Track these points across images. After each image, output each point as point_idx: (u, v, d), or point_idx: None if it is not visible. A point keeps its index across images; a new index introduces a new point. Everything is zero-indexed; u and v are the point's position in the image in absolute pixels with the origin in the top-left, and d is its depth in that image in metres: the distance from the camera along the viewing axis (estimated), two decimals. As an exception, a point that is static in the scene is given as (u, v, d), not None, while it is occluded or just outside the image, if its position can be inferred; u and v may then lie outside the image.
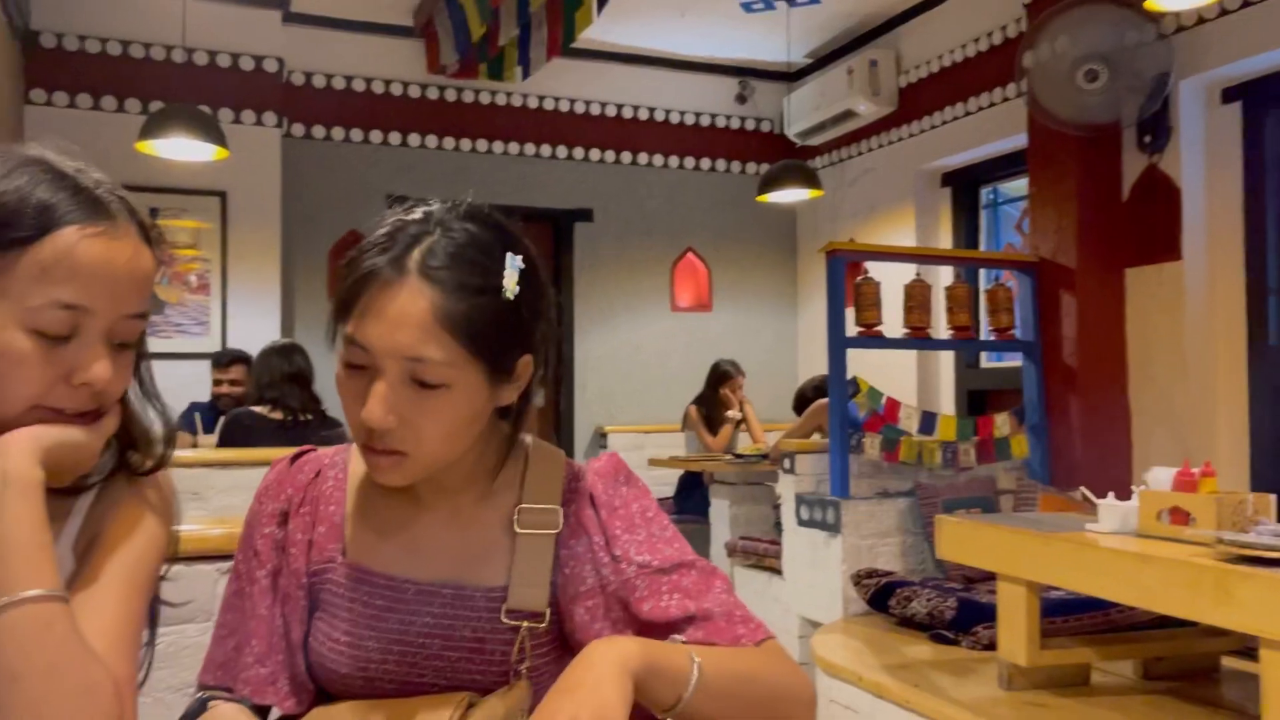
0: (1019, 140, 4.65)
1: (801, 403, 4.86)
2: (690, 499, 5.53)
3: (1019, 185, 5.36)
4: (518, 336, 1.00)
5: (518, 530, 1.05)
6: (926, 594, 2.90)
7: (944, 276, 4.23)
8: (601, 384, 6.50)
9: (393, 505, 1.08)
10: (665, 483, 6.02)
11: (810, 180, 5.25)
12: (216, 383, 4.62)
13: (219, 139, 4.29)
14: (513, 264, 0.97)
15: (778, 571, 3.92)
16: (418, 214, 0.99)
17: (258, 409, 3.73)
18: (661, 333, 6.68)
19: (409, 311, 0.93)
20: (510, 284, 0.97)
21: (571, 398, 6.39)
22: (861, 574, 3.19)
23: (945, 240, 5.79)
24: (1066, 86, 3.91)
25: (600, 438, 6.37)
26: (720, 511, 4.80)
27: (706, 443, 5.63)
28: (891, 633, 2.98)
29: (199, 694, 1.05)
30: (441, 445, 0.99)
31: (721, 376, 5.68)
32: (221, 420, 3.96)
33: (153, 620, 0.99)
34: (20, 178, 0.85)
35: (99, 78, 5.19)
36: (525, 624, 1.02)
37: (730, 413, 5.60)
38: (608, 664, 0.81)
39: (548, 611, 1.03)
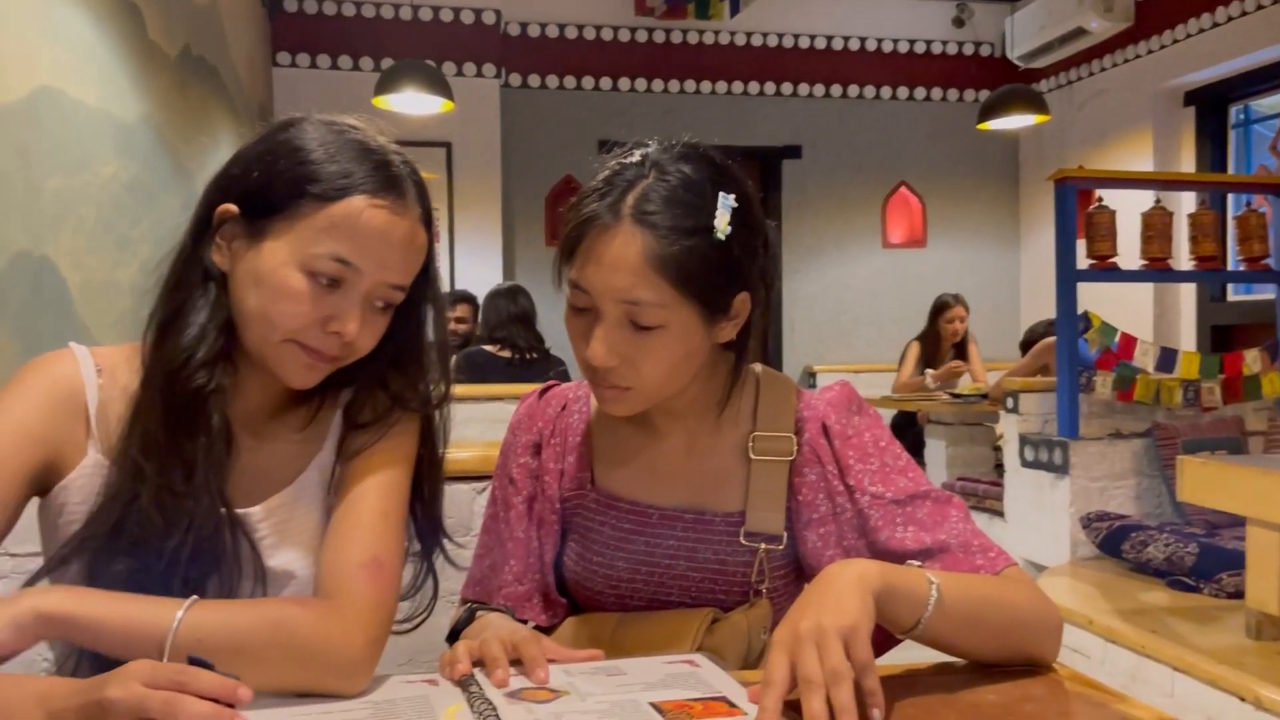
0: (1276, 51, 4.22)
1: (1031, 343, 4.66)
2: (903, 439, 5.42)
3: (1275, 101, 4.88)
4: (732, 275, 1.01)
5: (752, 457, 1.09)
6: (1164, 539, 2.76)
7: (1186, 204, 3.93)
8: (810, 323, 6.45)
9: (633, 435, 1.14)
10: (877, 423, 5.93)
11: (1037, 105, 4.96)
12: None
13: (445, 92, 4.51)
14: (724, 204, 0.99)
15: (999, 513, 3.82)
16: (635, 156, 1.03)
17: (488, 347, 3.96)
18: (872, 270, 6.54)
19: (623, 256, 0.97)
20: (721, 224, 0.98)
21: (780, 337, 6.38)
22: (1091, 517, 3.07)
23: (1187, 165, 5.36)
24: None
25: (809, 377, 6.34)
26: (936, 452, 4.70)
27: (899, 380, 5.45)
28: (1124, 578, 2.86)
29: (464, 606, 1.15)
30: (662, 381, 1.03)
31: (940, 307, 5.47)
32: (453, 358, 4.22)
33: (425, 548, 1.09)
34: (336, 144, 0.96)
35: (336, 39, 5.54)
36: (763, 546, 1.06)
37: (953, 364, 5.29)
38: (846, 581, 0.82)
39: (784, 534, 1.07)
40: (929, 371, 5.30)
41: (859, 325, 6.48)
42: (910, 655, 0.92)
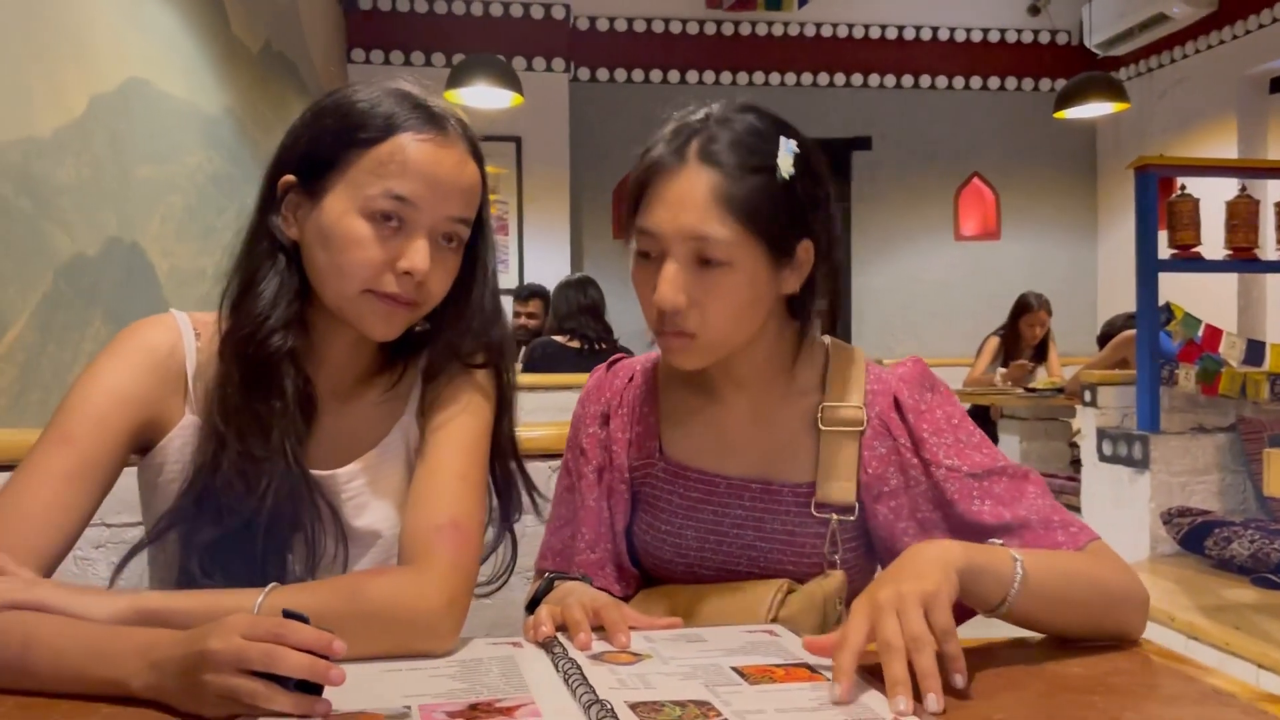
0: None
1: (1109, 337, 4.55)
2: (976, 434, 5.33)
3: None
4: (795, 218, 1.02)
5: (822, 427, 1.08)
6: (1250, 535, 2.68)
7: (1273, 192, 3.81)
8: (880, 316, 6.38)
9: (700, 404, 1.14)
10: (948, 417, 5.84)
11: (1116, 93, 4.84)
12: (515, 315, 4.96)
13: (515, 86, 4.56)
14: (787, 147, 1.01)
15: (1076, 509, 3.74)
16: (699, 113, 1.05)
17: (557, 338, 3.99)
18: (944, 263, 6.44)
19: (690, 193, 0.99)
20: (785, 164, 1.00)
21: (849, 329, 6.33)
22: (1173, 512, 2.99)
23: (1275, 153, 5.19)
24: None
25: (879, 371, 6.26)
26: (1009, 448, 4.62)
27: (972, 374, 5.35)
28: (1205, 574, 2.78)
29: (543, 576, 1.16)
30: (728, 325, 1.02)
31: (1022, 308, 5.35)
32: (524, 349, 4.26)
33: (504, 509, 1.11)
34: (376, 94, 1.00)
35: (409, 35, 5.63)
36: (835, 516, 1.06)
37: (1021, 363, 5.18)
38: (929, 559, 0.81)
39: (857, 505, 1.06)
40: (1000, 371, 5.21)
41: (929, 318, 6.39)
42: (980, 632, 0.91)
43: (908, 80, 6.36)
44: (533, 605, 1.10)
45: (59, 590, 0.86)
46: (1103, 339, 4.65)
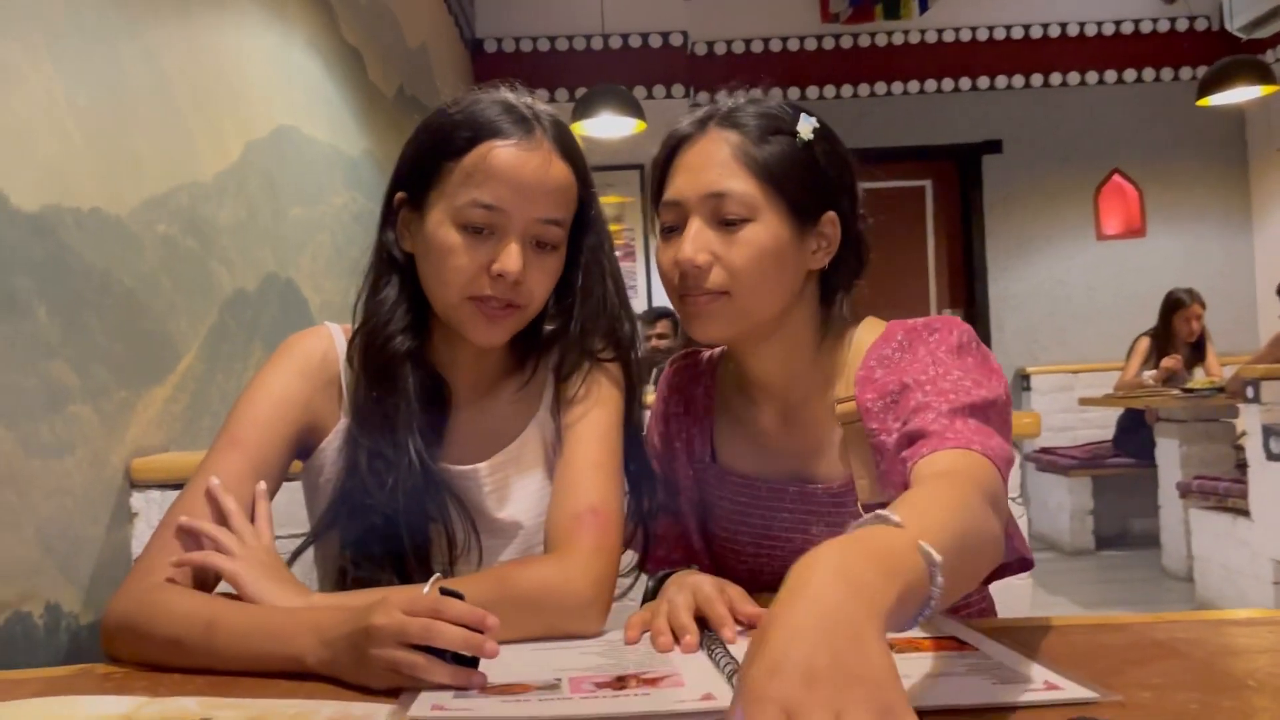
0: None
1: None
2: (1132, 440, 5.10)
3: None
4: (817, 184, 1.02)
5: (841, 425, 1.04)
6: None
7: None
8: (1021, 323, 6.18)
9: (743, 407, 1.13)
10: (1101, 425, 5.61)
11: (1263, 75, 4.59)
12: (646, 338, 5.02)
13: (638, 113, 4.64)
14: (806, 119, 1.02)
15: (1244, 512, 3.53)
16: (725, 99, 1.08)
17: (687, 357, 4.02)
18: (1086, 264, 6.19)
19: (711, 154, 1.01)
20: (805, 130, 1.01)
21: (989, 339, 6.14)
22: (1353, 509, 2.80)
23: None
24: None
25: (1022, 379, 6.06)
26: (1168, 451, 4.40)
27: (1124, 377, 5.12)
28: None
29: (654, 575, 1.14)
30: (755, 280, 1.00)
31: (1173, 304, 5.11)
32: (655, 370, 4.31)
33: (636, 495, 1.13)
34: (468, 104, 1.04)
35: (533, 73, 5.80)
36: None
37: (1168, 359, 4.93)
38: (854, 616, 0.54)
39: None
40: (1147, 372, 4.98)
41: (1075, 323, 6.15)
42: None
43: (1037, 80, 6.18)
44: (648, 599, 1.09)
45: (251, 571, 0.93)
46: None
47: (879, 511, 0.66)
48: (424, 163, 1.04)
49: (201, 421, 1.85)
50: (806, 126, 1.02)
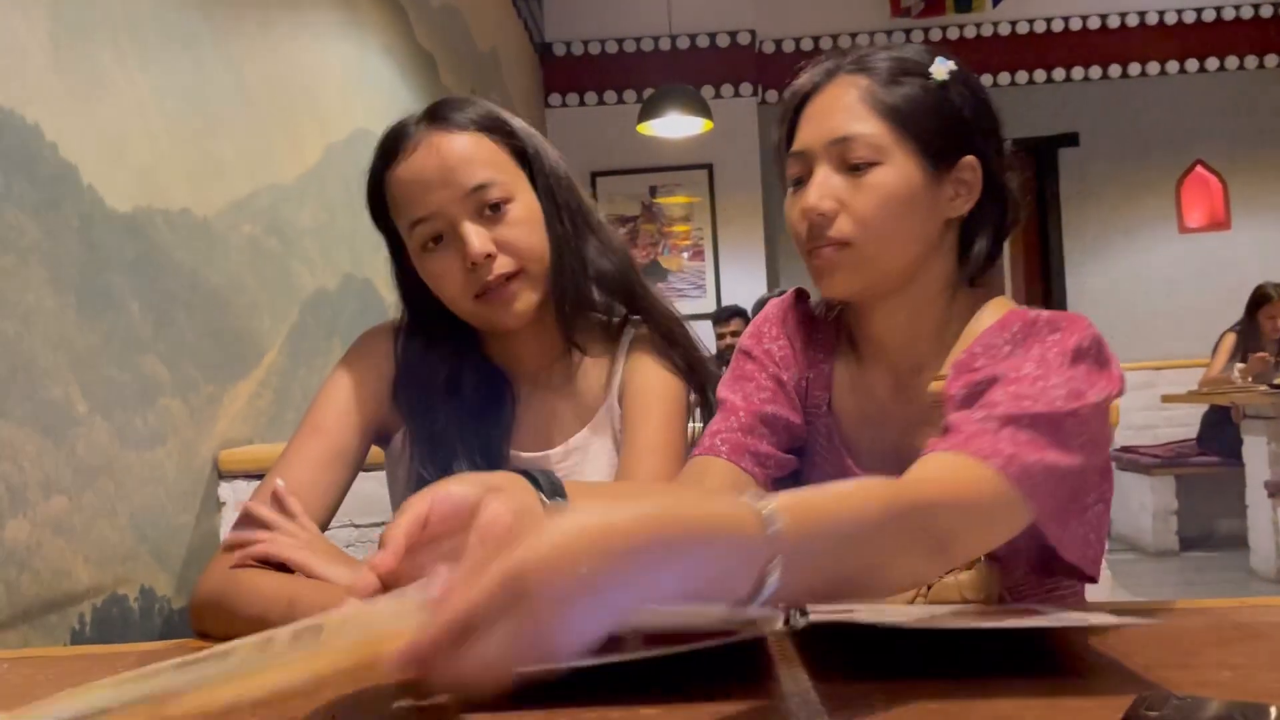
0: None
1: None
2: (1218, 438, 4.95)
3: None
4: (952, 126, 0.96)
5: (930, 403, 0.97)
6: None
7: None
8: (1100, 318, 5.84)
9: (855, 371, 1.05)
10: (1184, 423, 5.45)
11: (1355, 58, 4.43)
12: (720, 336, 5.02)
13: (705, 112, 4.65)
14: (942, 62, 0.97)
15: (1336, 511, 3.41)
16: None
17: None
18: (1168, 258, 6.03)
19: (838, 99, 0.96)
20: (939, 71, 0.96)
21: (1066, 336, 6.01)
22: None
23: None
24: None
25: (1101, 377, 5.92)
26: (1256, 449, 4.27)
27: (1209, 373, 4.97)
28: None
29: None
30: (884, 228, 0.94)
31: (1260, 299, 4.95)
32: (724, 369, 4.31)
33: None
34: (379, 151, 1.10)
35: (601, 75, 5.85)
36: None
37: (1261, 355, 4.77)
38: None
39: None
40: (1237, 367, 4.82)
41: (1155, 318, 5.99)
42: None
43: (1115, 70, 6.04)
44: None
45: (317, 557, 0.96)
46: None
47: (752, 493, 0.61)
48: (379, 224, 1.12)
49: (285, 415, 1.92)
50: (942, 68, 0.96)
